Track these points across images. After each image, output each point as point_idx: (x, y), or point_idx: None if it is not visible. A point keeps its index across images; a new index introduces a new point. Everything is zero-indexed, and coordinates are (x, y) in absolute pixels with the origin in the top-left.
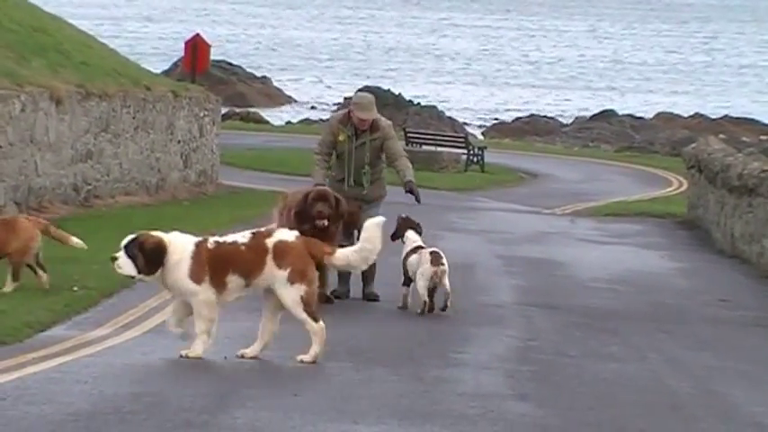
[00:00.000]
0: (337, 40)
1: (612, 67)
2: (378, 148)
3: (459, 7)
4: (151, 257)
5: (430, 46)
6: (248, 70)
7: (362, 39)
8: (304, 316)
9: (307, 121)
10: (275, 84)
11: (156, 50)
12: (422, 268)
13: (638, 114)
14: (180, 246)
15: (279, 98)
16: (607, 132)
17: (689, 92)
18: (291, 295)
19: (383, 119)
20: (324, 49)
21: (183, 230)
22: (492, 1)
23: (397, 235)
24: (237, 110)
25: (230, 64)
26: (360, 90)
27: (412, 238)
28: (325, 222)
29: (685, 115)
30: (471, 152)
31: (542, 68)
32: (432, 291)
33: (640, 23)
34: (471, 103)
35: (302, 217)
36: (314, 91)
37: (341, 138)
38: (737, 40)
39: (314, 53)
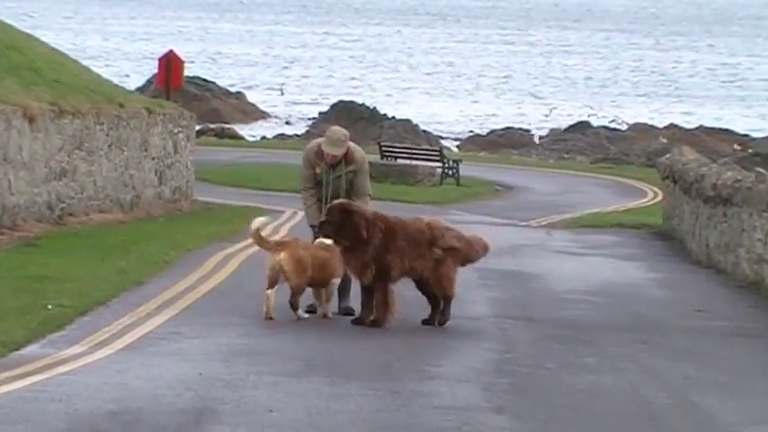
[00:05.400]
0: (315, 55)
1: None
2: (352, 181)
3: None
4: None
5: (410, 61)
6: (222, 86)
7: (345, 54)
8: None
9: (282, 136)
10: (249, 99)
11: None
12: None
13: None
14: None
15: (254, 113)
16: (582, 144)
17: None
18: None
19: (358, 151)
20: (298, 64)
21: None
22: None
23: None
24: (212, 126)
25: (204, 80)
26: (335, 104)
27: None
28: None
29: (660, 126)
30: (446, 165)
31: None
32: None
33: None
34: (451, 116)
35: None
36: (289, 105)
37: (318, 170)
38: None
39: (288, 67)
